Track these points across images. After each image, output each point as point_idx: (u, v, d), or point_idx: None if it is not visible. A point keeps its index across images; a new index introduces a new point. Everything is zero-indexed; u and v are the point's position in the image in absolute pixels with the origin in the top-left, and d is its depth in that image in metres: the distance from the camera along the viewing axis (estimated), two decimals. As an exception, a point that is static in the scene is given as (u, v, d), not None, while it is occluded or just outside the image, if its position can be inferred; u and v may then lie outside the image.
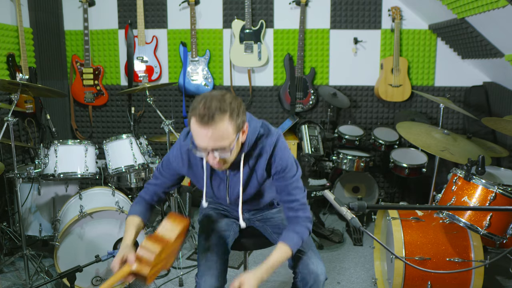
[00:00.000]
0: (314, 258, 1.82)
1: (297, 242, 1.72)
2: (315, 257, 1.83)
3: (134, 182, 3.29)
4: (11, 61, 3.55)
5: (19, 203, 2.65)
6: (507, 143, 3.60)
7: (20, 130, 3.66)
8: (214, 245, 1.87)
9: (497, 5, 2.72)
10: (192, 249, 3.36)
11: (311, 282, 1.79)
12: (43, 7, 3.92)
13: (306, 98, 4.11)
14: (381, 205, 1.50)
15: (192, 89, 4.14)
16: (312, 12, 4.08)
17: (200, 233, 1.98)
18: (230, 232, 1.98)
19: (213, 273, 1.78)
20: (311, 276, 1.78)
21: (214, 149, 1.55)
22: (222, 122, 1.50)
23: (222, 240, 1.91)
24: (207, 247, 1.86)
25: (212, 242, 1.88)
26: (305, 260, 1.81)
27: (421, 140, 2.61)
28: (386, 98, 3.99)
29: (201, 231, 1.98)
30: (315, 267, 1.79)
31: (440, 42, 4.03)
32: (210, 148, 1.54)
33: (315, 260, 1.81)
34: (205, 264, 1.81)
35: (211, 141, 1.52)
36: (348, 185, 3.95)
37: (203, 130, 1.50)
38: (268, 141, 1.72)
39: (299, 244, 1.74)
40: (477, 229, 2.17)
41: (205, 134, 1.50)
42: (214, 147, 1.53)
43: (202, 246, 1.89)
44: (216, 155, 1.56)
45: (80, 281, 2.58)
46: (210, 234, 1.92)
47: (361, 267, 3.08)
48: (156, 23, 4.18)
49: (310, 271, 1.79)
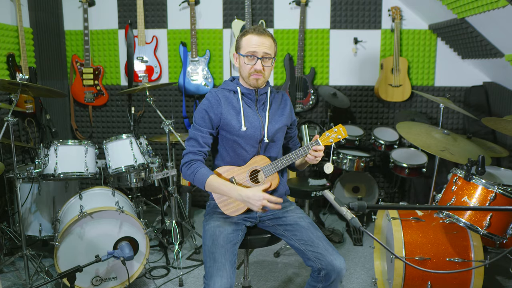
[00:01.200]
0: (336, 254, 1.91)
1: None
2: (336, 253, 1.92)
3: (134, 182, 3.29)
4: (11, 61, 3.55)
5: (19, 203, 2.65)
6: (507, 143, 3.60)
7: (20, 130, 3.66)
8: (222, 247, 1.88)
9: (497, 5, 2.72)
10: (192, 249, 3.36)
11: (334, 277, 1.89)
12: (43, 7, 3.92)
13: (306, 98, 4.11)
14: (381, 205, 1.50)
15: (192, 89, 4.14)
16: (312, 12, 4.08)
17: (205, 236, 1.98)
18: (239, 232, 2.00)
19: (222, 274, 1.79)
20: (335, 272, 1.88)
21: (264, 55, 2.00)
22: (270, 37, 2.04)
23: (230, 242, 1.92)
24: (214, 250, 1.87)
25: (219, 244, 1.89)
26: (328, 257, 1.89)
27: (421, 140, 2.61)
28: (386, 98, 3.99)
29: (206, 234, 1.98)
30: (338, 263, 1.88)
31: (440, 42, 4.03)
32: (261, 53, 1.99)
33: (337, 256, 1.91)
34: (214, 266, 1.82)
35: (263, 46, 2.00)
36: (348, 185, 3.95)
37: (259, 38, 2.00)
38: (285, 95, 2.23)
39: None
40: (477, 229, 2.17)
41: (260, 41, 2.00)
42: (265, 52, 2.00)
43: (209, 249, 1.89)
44: (262, 63, 2.00)
45: (80, 281, 2.58)
46: (217, 236, 1.92)
47: (361, 267, 3.08)
48: (156, 23, 4.18)
49: (335, 268, 1.87)
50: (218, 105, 2.04)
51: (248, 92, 2.10)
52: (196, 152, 2.03)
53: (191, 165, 2.01)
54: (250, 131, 2.04)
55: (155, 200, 4.15)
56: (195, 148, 2.03)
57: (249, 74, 2.03)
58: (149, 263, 3.09)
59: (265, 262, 3.17)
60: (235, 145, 2.06)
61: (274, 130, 2.10)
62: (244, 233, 2.05)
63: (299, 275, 2.98)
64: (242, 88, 2.10)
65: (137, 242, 2.71)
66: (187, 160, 2.03)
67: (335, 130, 2.04)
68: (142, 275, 2.93)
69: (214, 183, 1.96)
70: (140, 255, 2.74)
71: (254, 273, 3.00)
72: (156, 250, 3.33)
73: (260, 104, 2.12)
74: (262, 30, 2.02)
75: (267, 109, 2.11)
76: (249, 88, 2.10)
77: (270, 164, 2.04)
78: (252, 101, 2.10)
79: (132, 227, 2.70)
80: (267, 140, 2.07)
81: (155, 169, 3.11)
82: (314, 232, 1.99)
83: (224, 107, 2.04)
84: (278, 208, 1.93)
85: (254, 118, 2.07)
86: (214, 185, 1.96)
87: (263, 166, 2.05)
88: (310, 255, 1.93)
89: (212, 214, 2.09)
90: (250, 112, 2.08)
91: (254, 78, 2.03)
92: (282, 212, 2.10)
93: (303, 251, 1.95)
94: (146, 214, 3.94)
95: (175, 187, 3.15)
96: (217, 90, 2.11)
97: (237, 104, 2.07)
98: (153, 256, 3.22)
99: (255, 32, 2.01)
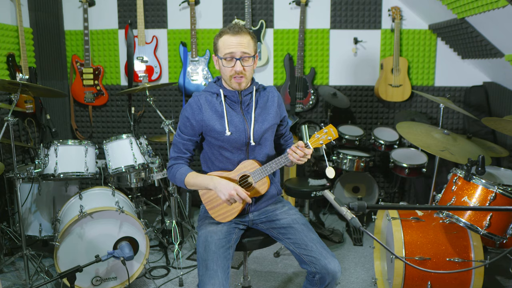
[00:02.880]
0: (330, 257, 1.89)
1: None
2: (330, 256, 1.89)
3: (134, 182, 3.28)
4: (11, 61, 3.55)
5: (19, 203, 2.65)
6: (507, 143, 3.60)
7: (20, 130, 3.66)
8: (214, 253, 1.85)
9: (497, 5, 2.72)
10: (192, 249, 3.36)
11: (329, 280, 1.87)
12: (43, 7, 3.92)
13: (306, 98, 4.11)
14: (381, 205, 1.50)
15: (192, 89, 4.14)
16: (312, 12, 4.08)
17: (198, 242, 1.96)
18: (232, 236, 1.98)
19: (214, 282, 1.77)
20: (329, 275, 1.86)
21: (242, 55, 1.92)
22: (247, 35, 1.95)
23: (222, 247, 1.90)
24: (206, 257, 1.85)
25: (211, 250, 1.87)
26: (322, 260, 1.87)
27: (421, 140, 2.61)
28: (386, 98, 3.99)
29: (199, 240, 1.96)
30: (332, 266, 1.86)
31: (440, 42, 4.03)
32: (239, 53, 1.91)
33: (331, 259, 1.88)
34: (206, 274, 1.80)
35: (240, 46, 1.91)
36: (348, 185, 3.95)
37: (234, 38, 1.91)
38: (273, 91, 2.13)
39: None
40: (477, 229, 2.17)
41: (236, 41, 1.91)
42: (242, 51, 1.91)
43: (201, 256, 1.88)
44: (241, 64, 1.92)
45: (80, 281, 2.59)
46: (209, 243, 1.90)
47: (361, 267, 3.08)
48: (156, 23, 4.18)
49: (329, 271, 1.86)
50: (199, 111, 1.99)
51: (231, 94, 2.02)
52: (177, 158, 2.06)
53: (172, 168, 2.06)
54: (235, 135, 1.99)
55: (155, 200, 4.15)
56: (177, 154, 2.06)
57: (230, 77, 1.96)
58: (149, 263, 3.09)
59: (265, 262, 3.17)
60: (222, 150, 2.02)
61: (262, 131, 2.03)
62: (239, 236, 2.03)
63: (299, 275, 2.98)
64: (225, 90, 2.03)
65: (137, 242, 2.71)
66: (169, 165, 2.08)
67: (325, 131, 1.95)
68: (142, 275, 2.93)
69: (191, 179, 1.99)
70: (140, 255, 2.74)
71: (254, 273, 3.00)
72: (156, 250, 3.33)
73: (244, 105, 2.04)
74: (237, 28, 1.93)
75: (253, 110, 2.03)
76: (232, 90, 2.03)
77: (259, 169, 1.99)
78: (236, 103, 2.03)
79: (132, 227, 2.70)
80: (253, 143, 2.01)
81: (155, 169, 3.11)
82: (308, 234, 1.96)
83: (205, 112, 1.99)
84: (248, 202, 1.91)
85: (238, 121, 2.00)
86: (191, 181, 1.99)
87: (252, 171, 2.00)
88: (304, 258, 1.91)
89: (204, 220, 2.07)
90: (234, 115, 2.01)
91: (236, 82, 1.96)
92: (275, 214, 2.07)
93: (298, 254, 1.94)
94: (146, 214, 3.94)
95: (175, 187, 3.15)
96: (200, 94, 2.04)
97: (219, 108, 2.00)
98: (153, 256, 3.22)
99: (231, 32, 1.92)
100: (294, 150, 1.92)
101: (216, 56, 2.00)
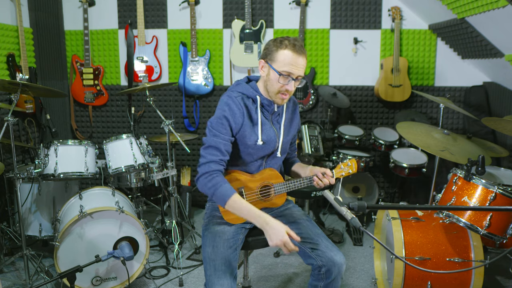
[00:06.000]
0: (335, 250, 1.91)
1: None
2: (335, 249, 1.91)
3: (134, 182, 3.28)
4: (11, 61, 3.55)
5: (19, 203, 2.65)
6: (507, 143, 3.60)
7: (20, 130, 3.66)
8: (222, 254, 1.86)
9: (497, 5, 2.72)
10: (192, 249, 3.36)
11: (335, 273, 1.88)
12: (43, 7, 3.92)
13: (306, 98, 4.11)
14: (381, 205, 1.50)
15: (192, 89, 4.14)
16: (312, 12, 4.08)
17: (204, 242, 1.96)
18: (239, 236, 1.98)
19: (223, 282, 1.78)
20: (335, 267, 1.87)
21: (298, 77, 1.87)
22: (305, 56, 1.89)
23: (230, 248, 1.90)
24: (215, 257, 1.86)
25: (219, 251, 1.87)
26: (328, 253, 1.89)
27: (421, 140, 2.61)
28: (386, 98, 3.98)
29: (206, 239, 1.96)
30: (338, 258, 1.88)
31: (440, 42, 4.03)
32: (297, 75, 1.85)
33: (337, 251, 1.90)
34: (214, 274, 1.81)
35: (301, 69, 1.86)
36: (348, 185, 3.95)
37: (298, 59, 1.84)
38: (295, 101, 2.14)
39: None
40: (477, 229, 2.17)
41: (299, 62, 1.84)
42: (299, 74, 1.86)
43: (209, 256, 1.87)
44: (295, 84, 1.89)
45: (80, 281, 2.59)
46: (217, 243, 1.90)
47: (361, 267, 3.08)
48: (156, 23, 4.18)
49: (336, 263, 1.87)
50: (241, 115, 1.91)
51: (267, 103, 1.97)
52: (218, 162, 1.86)
53: (213, 177, 1.83)
54: (266, 146, 1.97)
55: (155, 200, 4.15)
56: (217, 157, 1.86)
57: (277, 91, 1.90)
58: (149, 263, 3.09)
59: (265, 262, 3.17)
60: (245, 154, 1.99)
61: (286, 142, 2.05)
62: (244, 236, 2.03)
63: (299, 275, 2.98)
64: (262, 98, 1.97)
65: (137, 242, 2.71)
66: (208, 170, 1.84)
67: (349, 164, 2.00)
68: (142, 275, 2.93)
69: (235, 204, 1.80)
70: (140, 255, 2.74)
71: (254, 273, 3.00)
72: (156, 250, 3.33)
73: (275, 115, 2.03)
74: (300, 47, 1.85)
75: (282, 120, 2.02)
76: (269, 100, 1.97)
77: (283, 184, 2.00)
78: (269, 113, 2.00)
79: (132, 227, 2.70)
80: (279, 154, 2.02)
81: (155, 169, 3.11)
82: (312, 229, 1.99)
83: (245, 118, 1.92)
84: (295, 250, 1.77)
85: (270, 131, 1.98)
86: (235, 205, 1.80)
87: (275, 184, 2.01)
88: (310, 252, 1.92)
89: (212, 219, 2.05)
90: (267, 124, 1.99)
91: (281, 98, 1.92)
92: (280, 211, 2.10)
93: (303, 249, 1.95)
94: (146, 214, 3.94)
95: (175, 187, 3.15)
96: (237, 95, 1.94)
97: (255, 115, 1.95)
98: (153, 256, 3.22)
99: (296, 50, 1.83)
100: (321, 178, 1.96)
101: (268, 64, 1.90)
